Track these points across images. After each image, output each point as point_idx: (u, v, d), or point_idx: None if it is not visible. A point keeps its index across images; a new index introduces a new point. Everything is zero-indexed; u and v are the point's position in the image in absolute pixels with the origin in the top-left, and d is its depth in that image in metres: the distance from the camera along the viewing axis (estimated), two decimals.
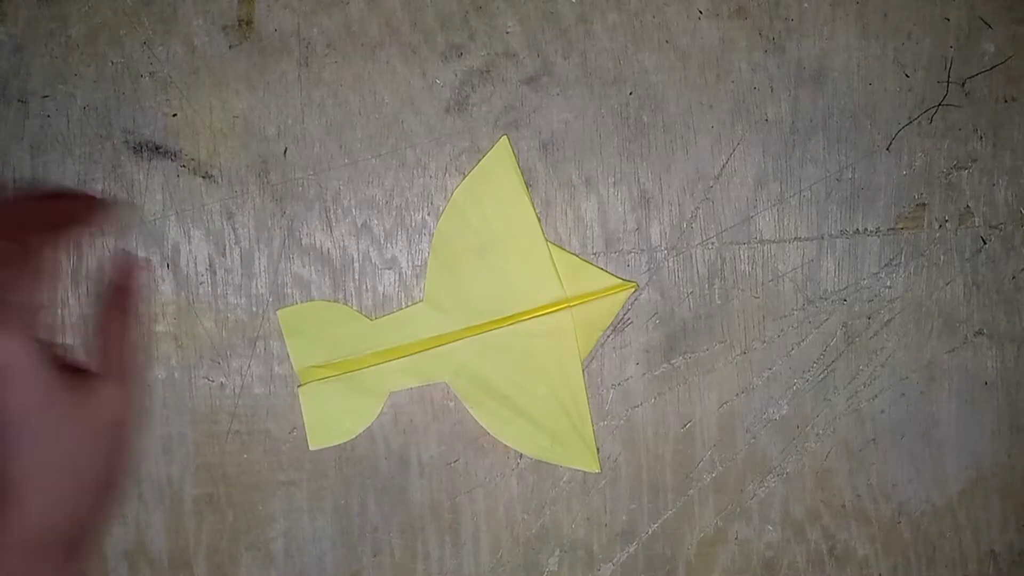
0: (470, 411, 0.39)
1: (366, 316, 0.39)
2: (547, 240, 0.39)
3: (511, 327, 0.39)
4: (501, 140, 0.39)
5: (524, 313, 0.39)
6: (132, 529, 0.40)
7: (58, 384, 0.25)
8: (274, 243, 0.39)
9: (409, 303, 0.40)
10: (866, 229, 0.40)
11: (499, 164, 0.39)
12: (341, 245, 0.39)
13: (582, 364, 0.39)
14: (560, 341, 0.39)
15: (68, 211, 0.27)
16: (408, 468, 0.40)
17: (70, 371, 0.26)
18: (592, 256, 0.40)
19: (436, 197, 0.40)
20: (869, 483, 0.41)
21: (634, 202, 0.40)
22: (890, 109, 0.40)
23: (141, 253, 0.39)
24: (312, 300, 0.39)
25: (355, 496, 0.40)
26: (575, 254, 0.40)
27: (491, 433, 0.40)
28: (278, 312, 0.39)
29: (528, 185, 0.39)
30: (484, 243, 0.39)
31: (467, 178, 0.39)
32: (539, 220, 0.39)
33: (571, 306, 0.39)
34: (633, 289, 0.40)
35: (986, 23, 0.40)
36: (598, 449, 0.40)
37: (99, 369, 0.27)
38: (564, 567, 0.41)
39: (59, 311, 0.39)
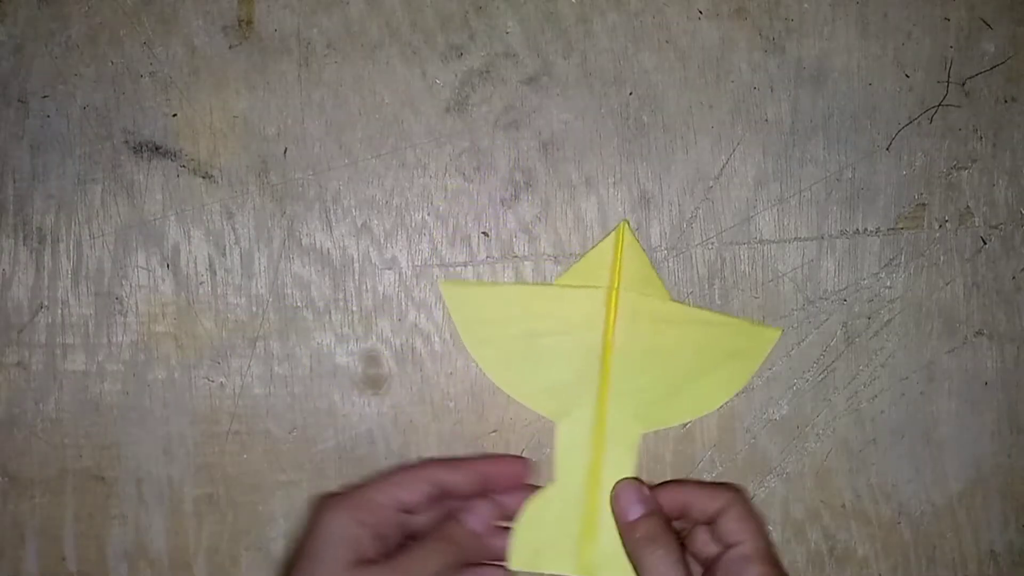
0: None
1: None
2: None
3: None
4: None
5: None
6: (132, 529, 0.40)
7: None
8: (274, 243, 0.39)
9: (409, 303, 0.40)
10: (866, 229, 0.40)
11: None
12: (341, 245, 0.39)
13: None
14: None
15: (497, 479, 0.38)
16: None
17: None
18: None
19: (436, 197, 0.40)
20: (869, 483, 0.41)
21: (634, 202, 0.40)
22: (890, 109, 0.40)
23: (141, 253, 0.39)
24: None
25: None
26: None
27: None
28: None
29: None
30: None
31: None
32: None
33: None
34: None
35: (986, 23, 0.40)
36: None
37: None
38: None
39: (59, 311, 0.39)
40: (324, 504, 0.35)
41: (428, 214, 0.40)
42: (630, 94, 0.40)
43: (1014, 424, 0.41)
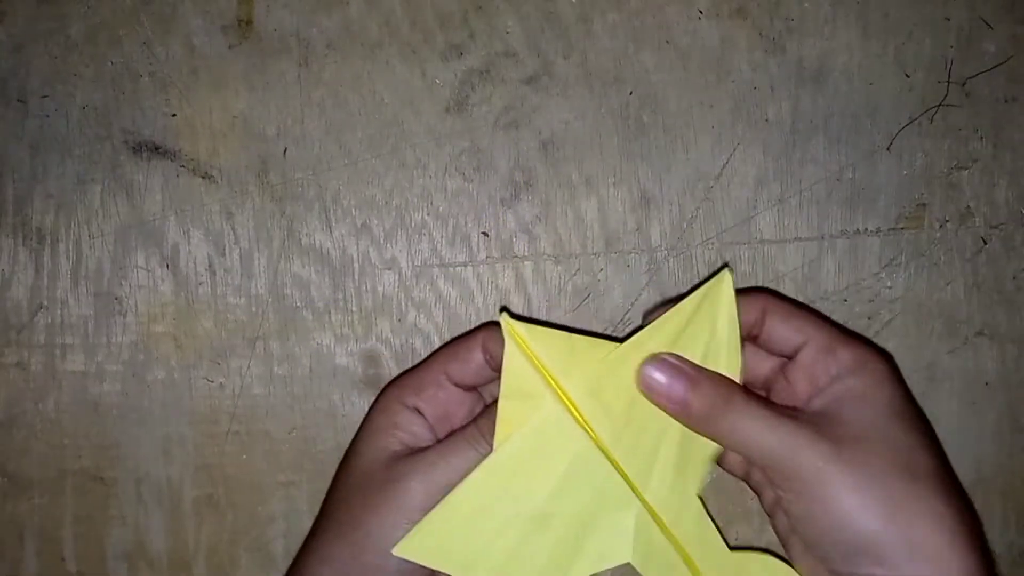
0: None
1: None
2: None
3: None
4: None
5: None
6: (131, 530, 0.39)
7: None
8: (274, 243, 0.39)
9: (409, 303, 0.40)
10: (867, 229, 0.40)
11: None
12: (341, 245, 0.39)
13: None
14: None
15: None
16: None
17: None
18: (592, 256, 0.40)
19: (436, 197, 0.39)
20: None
21: (634, 202, 0.40)
22: (891, 109, 0.40)
23: (140, 253, 0.39)
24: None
25: None
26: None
27: None
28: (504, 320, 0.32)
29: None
30: None
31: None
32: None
33: None
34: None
35: (987, 23, 0.40)
36: None
37: None
38: None
39: (58, 311, 0.39)
40: (380, 393, 0.34)
41: (428, 214, 0.40)
42: (630, 94, 0.39)
43: (1015, 424, 0.41)
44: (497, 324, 0.32)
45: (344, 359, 0.40)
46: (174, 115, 0.39)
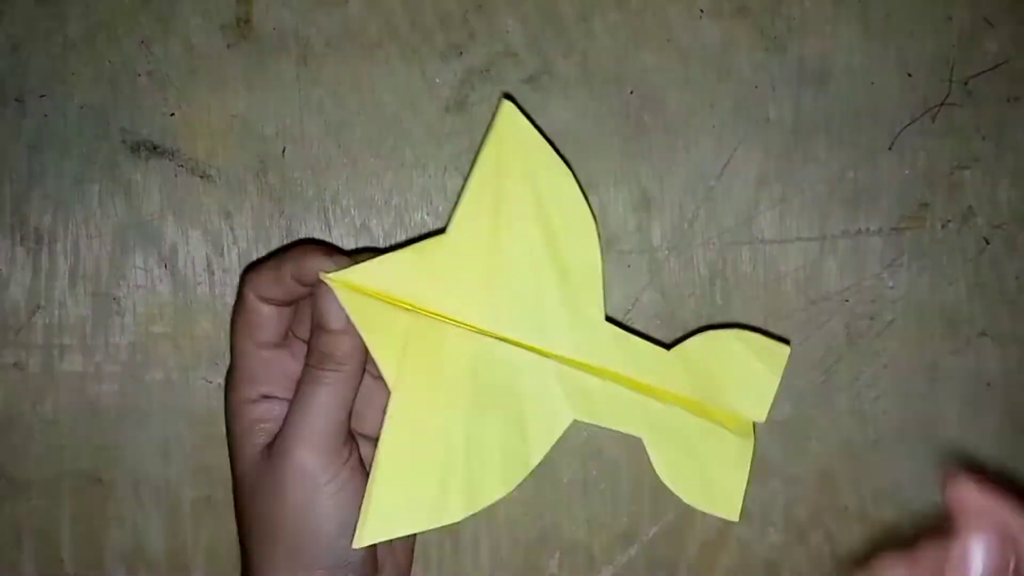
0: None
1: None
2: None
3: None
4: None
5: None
6: (130, 532, 0.39)
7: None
8: (272, 243, 0.39)
9: None
10: (868, 229, 0.40)
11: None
12: (340, 245, 0.39)
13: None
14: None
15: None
16: None
17: None
18: None
19: (436, 197, 0.39)
20: (871, 485, 0.40)
21: (635, 202, 0.40)
22: (892, 109, 0.40)
23: (139, 253, 0.39)
24: None
25: None
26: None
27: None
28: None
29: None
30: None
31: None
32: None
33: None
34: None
35: (989, 23, 0.40)
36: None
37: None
38: (565, 569, 0.40)
39: (56, 311, 0.39)
40: (225, 404, 0.33)
41: (427, 214, 0.39)
42: (631, 93, 0.39)
43: (1017, 425, 0.41)
44: (251, 268, 0.32)
45: None
46: (172, 115, 0.39)
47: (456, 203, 0.32)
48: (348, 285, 0.30)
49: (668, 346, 0.33)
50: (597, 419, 0.32)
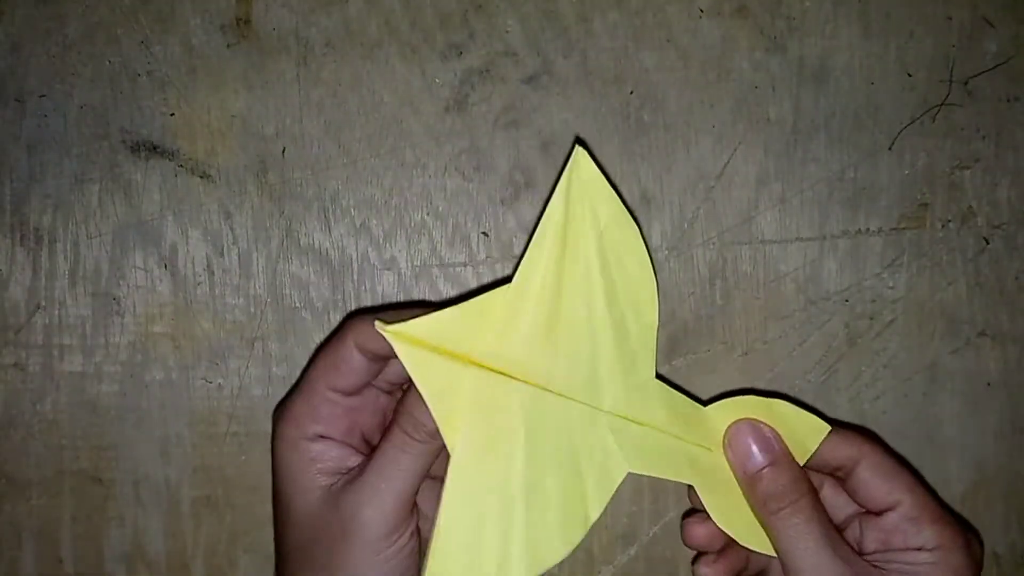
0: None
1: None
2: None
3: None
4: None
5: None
6: (129, 532, 0.39)
7: None
8: (272, 243, 0.39)
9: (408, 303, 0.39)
10: (868, 229, 0.40)
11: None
12: (340, 245, 0.39)
13: None
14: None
15: None
16: None
17: None
18: None
19: (435, 197, 0.39)
20: None
21: (635, 202, 0.40)
22: (892, 108, 0.40)
23: (138, 253, 0.39)
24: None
25: None
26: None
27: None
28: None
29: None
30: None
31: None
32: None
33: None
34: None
35: (989, 22, 0.40)
36: None
37: None
38: (564, 569, 0.40)
39: (56, 311, 0.39)
40: (274, 427, 0.33)
41: (427, 214, 0.39)
42: (631, 93, 0.39)
43: (1017, 425, 0.41)
44: (359, 314, 0.31)
45: None
46: (172, 114, 0.39)
47: (522, 253, 0.31)
48: (402, 336, 0.30)
49: (705, 403, 0.33)
50: (651, 470, 0.32)
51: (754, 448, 0.32)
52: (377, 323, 0.29)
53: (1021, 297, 0.40)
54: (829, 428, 0.33)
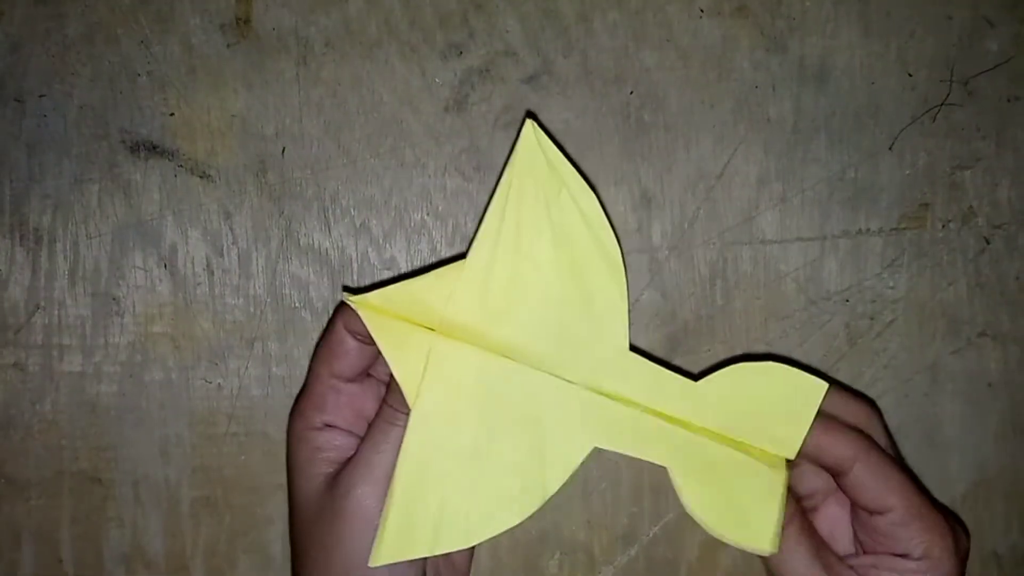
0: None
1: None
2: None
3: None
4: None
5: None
6: (129, 532, 0.39)
7: None
8: (272, 243, 0.39)
9: None
10: (869, 229, 0.40)
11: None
12: (339, 245, 0.39)
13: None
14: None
15: None
16: None
17: None
18: None
19: (435, 197, 0.39)
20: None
21: (635, 202, 0.39)
22: (893, 108, 0.40)
23: (138, 253, 0.39)
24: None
25: None
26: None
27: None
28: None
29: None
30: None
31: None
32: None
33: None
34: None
35: (989, 22, 0.40)
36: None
37: None
38: (564, 570, 0.40)
39: (56, 312, 0.39)
40: (289, 428, 0.33)
41: (427, 214, 0.39)
42: (631, 93, 0.39)
43: (1018, 426, 0.41)
44: (345, 304, 0.32)
45: None
46: (172, 114, 0.39)
47: (477, 227, 0.31)
48: (370, 306, 0.31)
49: (696, 377, 0.32)
50: (620, 447, 0.31)
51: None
52: (343, 294, 0.30)
53: (1022, 297, 0.40)
54: (827, 386, 0.31)
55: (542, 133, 0.32)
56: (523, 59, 0.39)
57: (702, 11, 0.39)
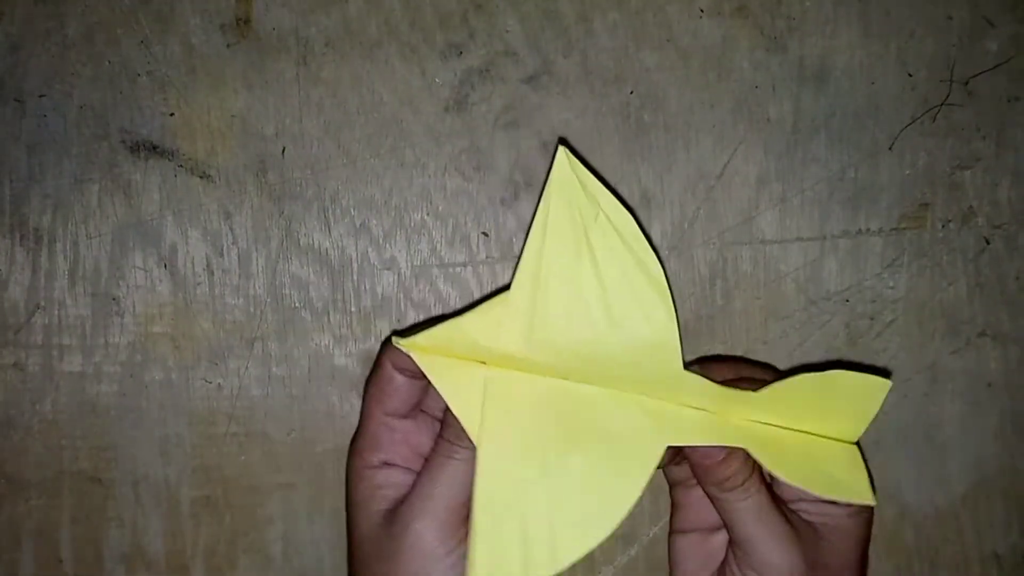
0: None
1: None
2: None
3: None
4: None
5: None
6: (129, 532, 0.39)
7: None
8: (272, 243, 0.39)
9: (408, 304, 0.39)
10: (869, 229, 0.40)
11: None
12: (339, 245, 0.39)
13: None
14: None
15: None
16: None
17: None
18: None
19: (436, 197, 0.39)
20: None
21: (635, 202, 0.39)
22: (893, 108, 0.40)
23: (138, 254, 0.39)
24: None
25: None
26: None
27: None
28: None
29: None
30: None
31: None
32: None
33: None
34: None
35: (989, 22, 0.40)
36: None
37: None
38: (564, 569, 0.40)
39: (56, 312, 0.39)
40: (347, 464, 0.34)
41: (427, 214, 0.39)
42: (631, 93, 0.39)
43: (1017, 426, 0.41)
44: (390, 343, 0.32)
45: (343, 360, 0.39)
46: (172, 114, 0.39)
47: (518, 260, 0.31)
48: (419, 347, 0.31)
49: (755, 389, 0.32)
50: (692, 440, 0.31)
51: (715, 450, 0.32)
52: (393, 339, 0.30)
53: (1022, 297, 0.40)
54: (890, 384, 0.32)
55: (575, 159, 0.31)
56: (523, 59, 0.39)
57: (702, 11, 0.39)
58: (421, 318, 0.39)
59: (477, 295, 0.40)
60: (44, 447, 0.39)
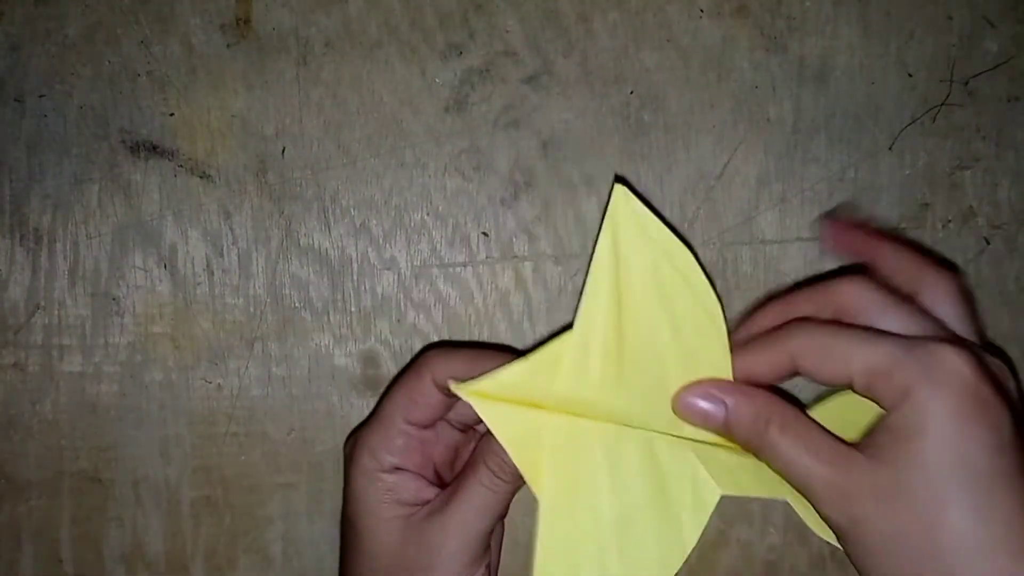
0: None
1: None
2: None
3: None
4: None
5: None
6: (129, 532, 0.39)
7: None
8: (272, 243, 0.39)
9: (408, 304, 0.39)
10: None
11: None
12: (339, 245, 0.39)
13: None
14: None
15: None
16: None
17: None
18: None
19: (435, 197, 0.39)
20: None
21: None
22: (893, 109, 0.40)
23: (138, 254, 0.39)
24: None
25: None
26: None
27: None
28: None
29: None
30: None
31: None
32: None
33: None
34: None
35: (989, 22, 0.40)
36: None
37: None
38: None
39: (56, 312, 0.39)
40: (350, 457, 0.34)
41: (427, 214, 0.39)
42: (631, 93, 0.39)
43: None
44: (434, 347, 0.32)
45: (343, 360, 0.39)
46: (172, 115, 0.39)
47: (579, 299, 0.31)
48: (481, 394, 0.30)
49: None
50: (743, 490, 0.31)
51: (702, 405, 0.31)
52: (452, 384, 0.30)
53: (1021, 298, 0.40)
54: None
55: (632, 196, 0.31)
56: (523, 59, 0.39)
57: (702, 11, 0.39)
58: (421, 318, 0.39)
59: (477, 295, 0.40)
60: (44, 447, 0.39)
